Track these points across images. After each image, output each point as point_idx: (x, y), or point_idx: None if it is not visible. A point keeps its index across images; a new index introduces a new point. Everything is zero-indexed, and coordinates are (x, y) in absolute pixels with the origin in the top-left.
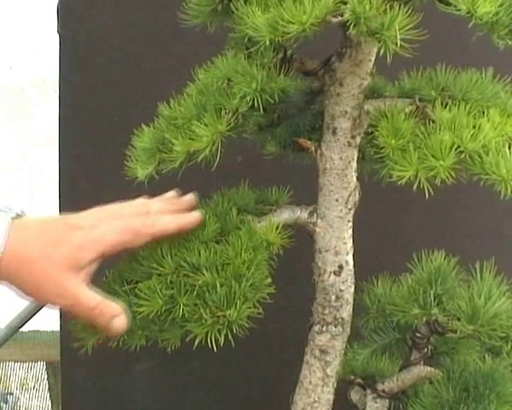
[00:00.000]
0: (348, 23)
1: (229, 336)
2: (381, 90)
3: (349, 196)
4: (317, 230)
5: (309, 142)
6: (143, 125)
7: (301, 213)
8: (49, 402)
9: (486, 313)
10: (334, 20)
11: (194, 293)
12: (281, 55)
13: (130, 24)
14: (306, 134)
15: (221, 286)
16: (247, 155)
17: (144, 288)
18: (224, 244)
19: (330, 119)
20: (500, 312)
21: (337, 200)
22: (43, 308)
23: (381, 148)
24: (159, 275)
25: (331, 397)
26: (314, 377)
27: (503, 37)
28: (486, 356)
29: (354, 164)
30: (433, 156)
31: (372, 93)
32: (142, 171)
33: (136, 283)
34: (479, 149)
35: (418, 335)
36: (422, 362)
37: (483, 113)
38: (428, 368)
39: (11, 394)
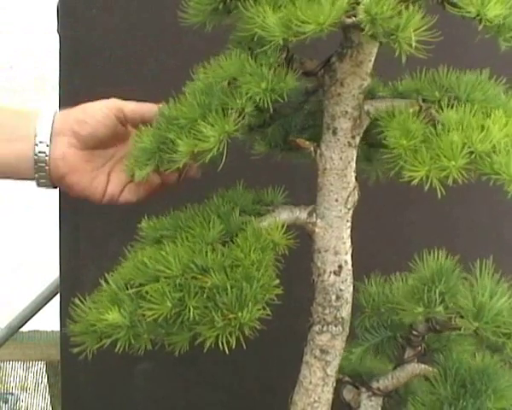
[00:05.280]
0: (362, 24)
1: (241, 339)
2: (382, 91)
3: (348, 196)
4: (317, 230)
5: (307, 142)
6: (143, 126)
7: (300, 214)
8: (49, 402)
9: (491, 310)
10: (349, 20)
11: (204, 295)
12: (284, 56)
13: (130, 24)
14: (297, 134)
15: (231, 288)
16: (245, 156)
17: (152, 291)
18: (230, 245)
19: (330, 119)
20: (503, 309)
21: (337, 200)
22: (43, 308)
23: (393, 148)
24: (166, 277)
25: (331, 397)
26: (314, 377)
27: (508, 39)
28: (481, 352)
29: (354, 164)
30: (445, 157)
31: (372, 94)
32: (139, 171)
33: (140, 285)
34: (489, 150)
35: (415, 333)
36: (416, 360)
37: (488, 114)
38: (423, 365)
39: (11, 394)
